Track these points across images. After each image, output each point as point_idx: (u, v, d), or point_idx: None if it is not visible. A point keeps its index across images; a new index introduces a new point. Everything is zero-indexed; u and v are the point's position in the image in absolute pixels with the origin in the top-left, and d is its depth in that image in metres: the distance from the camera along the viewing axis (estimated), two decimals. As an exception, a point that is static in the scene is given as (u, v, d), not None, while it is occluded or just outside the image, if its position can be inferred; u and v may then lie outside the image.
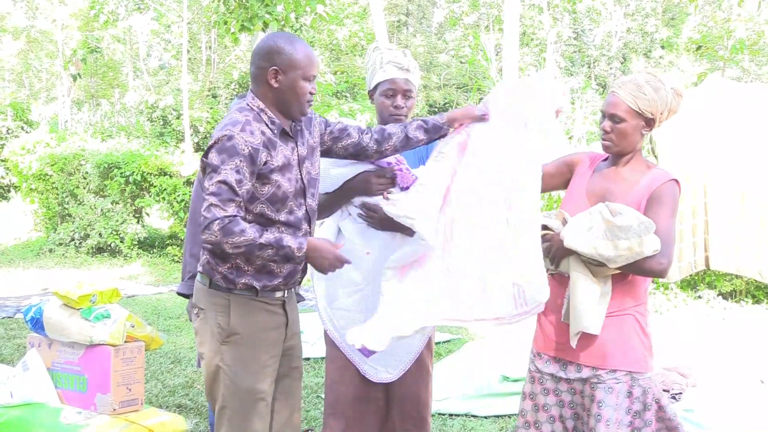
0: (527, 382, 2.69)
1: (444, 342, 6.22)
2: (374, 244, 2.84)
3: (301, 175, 2.62)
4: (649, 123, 2.55)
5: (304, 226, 2.63)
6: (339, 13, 19.83)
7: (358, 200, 2.87)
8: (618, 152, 2.59)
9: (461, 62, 23.45)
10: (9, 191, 15.10)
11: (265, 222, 2.53)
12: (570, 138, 11.72)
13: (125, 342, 2.35)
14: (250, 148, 2.44)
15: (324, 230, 2.98)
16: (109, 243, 11.00)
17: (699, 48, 18.80)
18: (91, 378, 2.32)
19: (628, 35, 23.14)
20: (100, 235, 11.02)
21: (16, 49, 26.40)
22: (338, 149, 2.80)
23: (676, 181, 2.55)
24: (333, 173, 2.84)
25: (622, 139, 2.55)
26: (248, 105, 2.58)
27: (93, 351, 2.32)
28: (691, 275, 7.90)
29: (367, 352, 2.84)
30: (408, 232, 2.76)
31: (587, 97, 14.86)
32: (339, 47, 21.82)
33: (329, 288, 2.93)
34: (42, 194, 12.31)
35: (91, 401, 2.31)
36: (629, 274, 2.53)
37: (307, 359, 5.67)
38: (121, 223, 11.07)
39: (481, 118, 2.75)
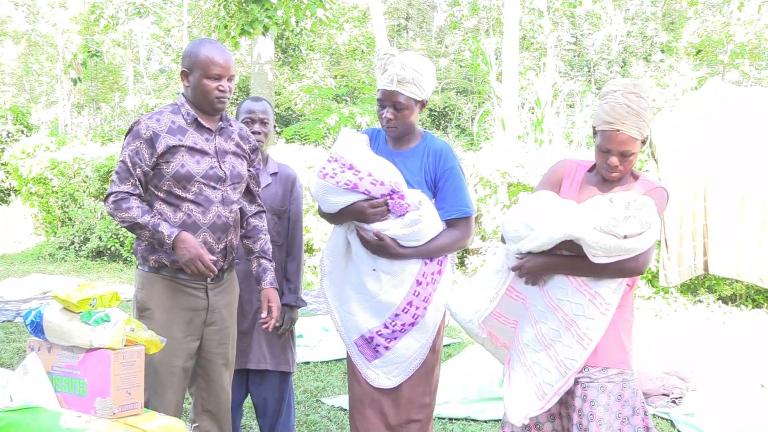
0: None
1: (444, 346, 6.20)
2: (379, 261, 2.87)
3: (219, 164, 2.86)
4: (645, 141, 2.56)
5: (215, 208, 2.83)
6: (339, 17, 19.85)
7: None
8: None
9: (461, 66, 23.48)
10: (9, 195, 15.07)
11: (174, 199, 2.78)
12: (570, 142, 11.74)
13: (125, 346, 2.34)
14: (151, 132, 2.76)
15: (334, 240, 3.02)
16: (109, 247, 10.99)
17: (699, 52, 18.84)
18: (90, 382, 2.31)
19: (627, 39, 23.17)
20: (100, 238, 11.01)
21: (16, 53, 26.46)
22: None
23: (664, 188, 2.58)
24: (329, 200, 2.87)
25: (629, 167, 2.55)
26: (176, 101, 2.93)
27: (93, 355, 2.31)
28: (691, 279, 7.89)
29: (370, 357, 2.92)
30: (402, 258, 2.83)
31: (587, 101, 14.87)
32: (339, 51, 21.85)
33: (342, 290, 2.99)
34: (42, 198, 12.30)
35: (91, 405, 2.30)
36: None
37: (307, 363, 5.66)
38: (121, 227, 11.03)
39: None
